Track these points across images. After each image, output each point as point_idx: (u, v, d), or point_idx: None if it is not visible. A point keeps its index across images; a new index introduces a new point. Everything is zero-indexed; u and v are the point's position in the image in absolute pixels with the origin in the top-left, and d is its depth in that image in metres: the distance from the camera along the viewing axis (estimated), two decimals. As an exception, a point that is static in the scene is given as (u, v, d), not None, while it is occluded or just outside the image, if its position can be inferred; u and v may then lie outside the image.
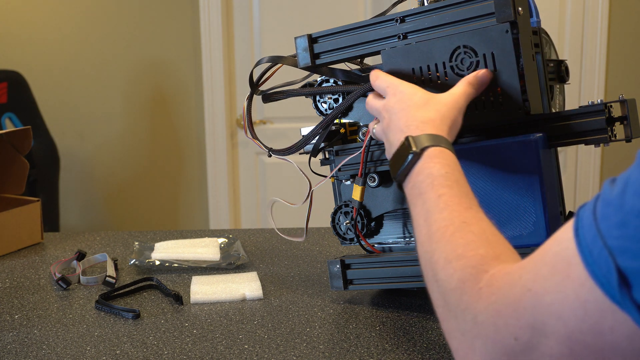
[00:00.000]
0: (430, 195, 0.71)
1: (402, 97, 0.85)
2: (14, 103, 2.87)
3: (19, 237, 1.45)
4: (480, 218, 0.67)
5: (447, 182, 0.72)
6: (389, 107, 0.86)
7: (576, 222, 0.52)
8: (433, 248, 0.66)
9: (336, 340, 0.96)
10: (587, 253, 0.50)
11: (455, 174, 0.74)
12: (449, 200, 0.70)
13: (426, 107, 0.83)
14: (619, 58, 2.92)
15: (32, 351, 0.95)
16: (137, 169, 3.22)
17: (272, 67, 1.10)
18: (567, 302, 0.51)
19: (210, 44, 3.02)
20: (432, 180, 0.73)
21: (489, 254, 0.62)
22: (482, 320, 0.56)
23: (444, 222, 0.67)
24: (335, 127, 1.09)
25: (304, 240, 1.10)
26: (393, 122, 0.84)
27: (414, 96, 0.85)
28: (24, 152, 1.51)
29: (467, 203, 0.70)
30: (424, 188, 0.73)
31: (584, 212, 0.52)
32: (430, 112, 0.82)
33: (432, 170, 0.74)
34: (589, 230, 0.51)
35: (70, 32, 3.11)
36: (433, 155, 0.76)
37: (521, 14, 0.88)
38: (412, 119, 0.82)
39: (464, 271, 0.61)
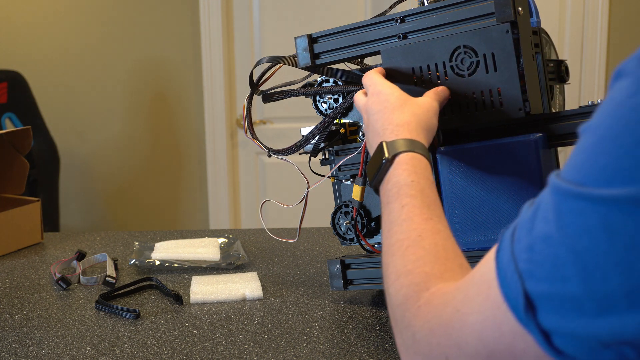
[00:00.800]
0: (395, 206, 0.73)
1: (379, 98, 0.86)
2: (14, 103, 2.87)
3: (19, 237, 1.45)
4: (437, 230, 0.68)
5: (411, 191, 0.73)
6: (368, 107, 0.87)
7: (499, 244, 0.53)
8: (388, 262, 0.69)
9: (336, 340, 0.96)
10: (502, 275, 0.51)
11: (421, 182, 0.74)
12: (411, 211, 0.71)
13: (402, 109, 0.83)
14: (619, 58, 2.91)
15: (32, 351, 0.95)
16: (137, 169, 3.22)
17: (272, 67, 1.10)
18: (487, 323, 0.52)
19: (210, 44, 3.02)
20: (398, 189, 0.74)
21: (434, 271, 0.63)
22: (419, 338, 0.58)
23: (402, 234, 0.69)
24: (335, 127, 1.09)
25: (297, 240, 1.10)
26: (371, 124, 0.85)
27: (391, 97, 0.85)
28: (24, 152, 1.51)
29: (428, 214, 0.70)
30: (390, 197, 0.74)
31: (505, 234, 0.53)
32: (406, 114, 0.82)
33: (399, 178, 0.75)
34: (505, 253, 0.52)
35: (70, 32, 3.11)
36: (403, 161, 0.76)
37: (521, 14, 0.88)
38: (388, 122, 0.82)
39: (409, 288, 0.62)
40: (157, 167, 3.21)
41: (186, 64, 3.09)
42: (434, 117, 0.85)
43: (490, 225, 0.93)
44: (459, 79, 0.88)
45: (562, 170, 0.51)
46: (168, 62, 3.11)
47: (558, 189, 0.49)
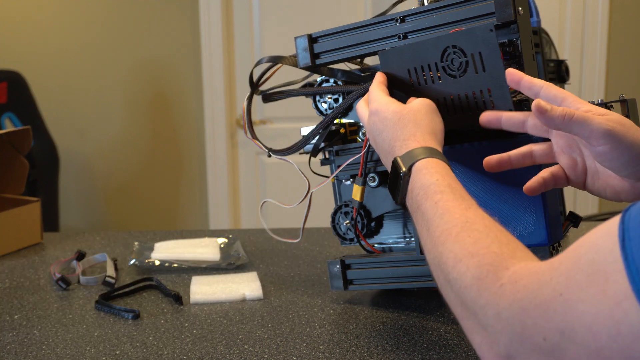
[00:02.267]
0: (427, 205, 0.71)
1: (378, 118, 0.85)
2: (13, 103, 2.87)
3: (19, 237, 1.44)
4: (483, 216, 0.66)
5: (439, 188, 0.72)
6: (370, 128, 0.87)
7: (622, 232, 0.49)
8: (440, 251, 0.65)
9: (336, 340, 0.96)
10: (635, 271, 0.47)
11: (446, 179, 0.73)
12: (446, 204, 0.69)
13: (402, 123, 0.82)
14: (619, 58, 2.91)
15: (32, 351, 0.95)
16: (137, 169, 3.22)
17: (272, 67, 1.10)
18: (601, 317, 0.48)
19: (210, 44, 3.02)
20: (425, 191, 0.73)
21: (503, 251, 0.60)
22: (507, 316, 0.55)
23: (446, 225, 0.66)
24: (335, 127, 1.09)
25: (300, 241, 1.10)
26: (379, 145, 0.85)
27: (387, 113, 0.84)
28: (24, 152, 1.51)
29: (465, 204, 0.69)
30: (419, 200, 0.73)
31: (631, 221, 0.48)
32: (408, 126, 0.82)
33: (422, 181, 0.74)
34: (637, 245, 0.47)
35: (70, 32, 3.11)
36: (421, 167, 0.76)
37: (521, 14, 0.87)
38: (394, 140, 0.82)
39: (481, 268, 0.59)
40: (157, 167, 3.21)
41: (186, 64, 3.09)
42: (435, 115, 0.84)
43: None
44: (451, 80, 0.88)
45: None
46: (168, 62, 3.11)
47: None
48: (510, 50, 0.91)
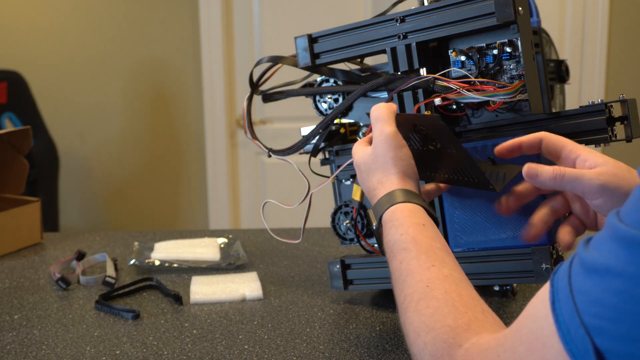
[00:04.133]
0: (394, 265, 0.71)
1: (358, 171, 0.85)
2: (13, 103, 2.87)
3: (19, 237, 1.44)
4: (444, 276, 0.65)
5: (403, 245, 0.71)
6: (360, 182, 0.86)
7: (552, 295, 0.50)
8: (404, 320, 0.65)
9: (336, 340, 0.96)
10: (565, 330, 0.48)
11: (410, 231, 0.72)
12: (409, 264, 0.69)
13: (370, 171, 0.82)
14: (619, 58, 2.91)
15: (32, 351, 0.94)
16: (137, 168, 3.22)
17: (272, 67, 1.10)
18: None
19: (210, 44, 3.02)
20: (391, 249, 0.73)
21: (458, 323, 0.60)
22: None
23: (408, 289, 0.66)
24: (335, 127, 1.09)
25: (300, 241, 1.10)
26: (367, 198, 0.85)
27: (360, 165, 0.84)
28: (24, 152, 1.51)
29: (428, 262, 0.68)
30: (389, 259, 0.73)
31: (559, 282, 0.50)
32: (376, 173, 0.81)
33: (389, 238, 0.74)
34: (565, 305, 0.48)
35: (70, 32, 3.11)
36: (387, 220, 0.75)
37: (521, 14, 0.87)
38: (369, 190, 0.82)
39: (435, 346, 0.59)
40: (157, 167, 3.21)
41: (186, 64, 3.09)
42: (398, 149, 0.81)
43: (490, 225, 0.93)
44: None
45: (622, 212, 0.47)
46: (168, 62, 3.11)
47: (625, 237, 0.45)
48: (510, 50, 0.91)
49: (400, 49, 0.97)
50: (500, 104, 0.91)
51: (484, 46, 0.93)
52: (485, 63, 0.93)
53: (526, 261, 0.90)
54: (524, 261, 0.91)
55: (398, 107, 0.98)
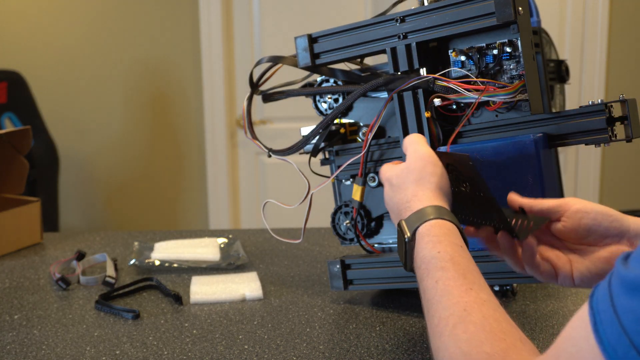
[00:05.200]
0: (428, 283, 0.68)
1: (387, 186, 0.83)
2: (13, 103, 2.87)
3: (19, 237, 1.44)
4: (482, 301, 0.63)
5: (440, 263, 0.68)
6: (386, 198, 0.84)
7: (593, 317, 0.49)
8: (437, 345, 0.63)
9: (336, 340, 0.96)
10: (612, 352, 0.46)
11: (449, 250, 0.69)
12: (446, 285, 0.66)
13: (404, 184, 0.80)
14: (619, 58, 2.91)
15: (32, 351, 0.94)
16: (137, 169, 3.22)
17: (272, 67, 1.10)
18: None
19: (210, 44, 3.02)
20: (426, 265, 0.70)
21: (495, 350, 0.58)
22: None
23: (444, 312, 0.63)
24: (335, 127, 1.09)
25: (301, 241, 1.10)
26: (392, 212, 0.82)
27: (392, 179, 0.82)
28: (24, 152, 1.51)
29: (466, 284, 0.65)
30: (421, 275, 0.70)
31: (599, 304, 0.49)
32: (409, 187, 0.79)
33: (424, 253, 0.71)
34: (610, 327, 0.47)
35: (70, 32, 3.11)
36: (424, 234, 0.72)
37: (521, 14, 0.87)
38: (399, 204, 0.79)
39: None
40: (157, 167, 3.21)
41: (186, 64, 3.09)
42: (435, 167, 0.80)
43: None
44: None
45: None
46: (168, 62, 3.11)
47: None
48: (510, 50, 0.91)
49: (400, 49, 0.97)
50: (500, 104, 0.91)
51: (484, 46, 0.93)
52: (485, 63, 0.93)
53: (526, 261, 0.90)
54: (524, 261, 0.91)
55: (398, 107, 0.98)
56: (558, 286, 1.13)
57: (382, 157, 1.04)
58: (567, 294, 1.11)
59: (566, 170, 2.98)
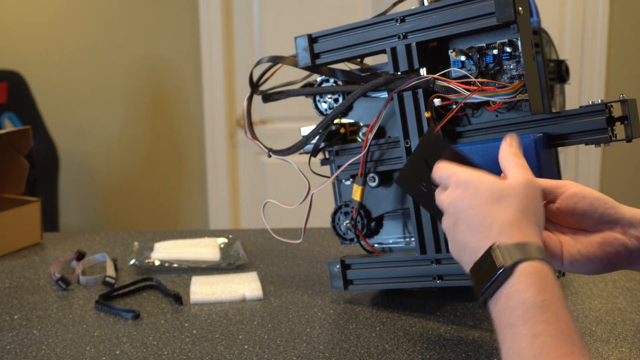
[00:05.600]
0: (523, 332, 0.59)
1: (467, 189, 0.70)
2: (13, 103, 2.87)
3: (19, 237, 1.44)
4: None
5: (544, 315, 0.60)
6: (454, 201, 0.71)
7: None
8: None
9: (336, 340, 0.96)
10: None
11: (554, 302, 0.61)
12: (546, 343, 0.58)
13: (502, 202, 0.68)
14: (619, 58, 2.91)
15: (32, 351, 0.94)
16: (137, 168, 3.22)
17: (272, 67, 1.10)
18: None
19: (210, 44, 3.02)
20: (525, 310, 0.60)
21: None
22: None
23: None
24: (335, 127, 1.09)
25: (301, 241, 1.10)
26: (463, 221, 0.69)
27: (482, 187, 0.69)
28: (24, 152, 1.51)
29: (568, 348, 0.58)
30: (514, 319, 0.61)
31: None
32: (510, 209, 0.67)
33: (525, 295, 0.61)
34: None
35: (70, 31, 3.11)
36: (528, 273, 0.62)
37: (521, 14, 0.87)
38: (491, 220, 0.67)
39: None
40: (157, 167, 3.21)
41: (186, 64, 3.09)
42: (539, 201, 0.70)
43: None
44: None
45: None
46: (168, 62, 3.11)
47: None
48: (510, 50, 0.91)
49: (400, 49, 0.97)
50: (500, 104, 0.91)
51: (484, 46, 0.93)
52: (485, 63, 0.93)
53: (526, 261, 0.90)
54: (524, 261, 0.91)
55: (398, 107, 0.98)
56: (558, 286, 1.13)
57: (382, 157, 1.04)
58: (567, 294, 1.11)
59: (566, 170, 2.98)
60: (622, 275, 1.19)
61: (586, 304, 1.07)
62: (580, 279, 1.18)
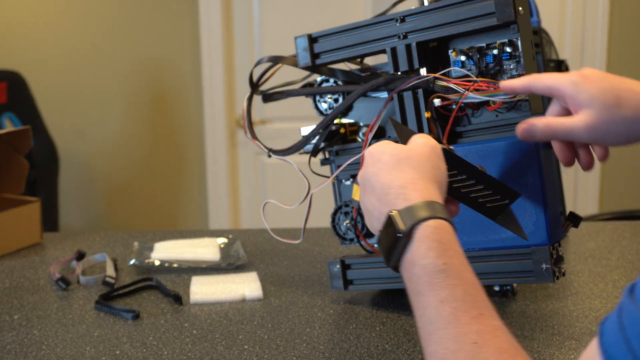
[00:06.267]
0: (430, 300, 0.59)
1: (372, 160, 0.72)
2: (13, 103, 2.87)
3: (19, 237, 1.44)
4: (494, 330, 0.56)
5: (447, 280, 0.59)
6: (363, 174, 0.73)
7: (607, 356, 0.46)
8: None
9: (336, 340, 0.96)
10: None
11: (455, 262, 0.61)
12: (454, 308, 0.58)
13: (399, 167, 0.69)
14: (619, 58, 2.91)
15: (32, 351, 0.94)
16: (137, 168, 3.22)
17: (272, 67, 1.10)
18: None
19: (210, 44, 3.02)
20: (428, 277, 0.60)
21: None
22: None
23: (452, 344, 0.56)
24: (335, 127, 1.09)
25: (301, 242, 1.10)
26: (368, 189, 0.71)
27: (383, 155, 0.71)
28: (24, 152, 1.51)
29: (476, 308, 0.58)
30: (421, 287, 0.61)
31: (612, 346, 0.46)
32: (406, 172, 0.68)
33: (427, 261, 0.61)
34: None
35: (70, 31, 3.11)
36: (426, 236, 0.63)
37: (521, 14, 0.87)
38: (388, 185, 0.68)
39: None
40: (157, 167, 3.21)
41: (186, 64, 3.09)
42: (439, 160, 0.72)
43: (490, 225, 0.93)
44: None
45: None
46: (168, 62, 3.11)
47: None
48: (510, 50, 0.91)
49: (400, 48, 0.97)
50: (500, 104, 0.91)
51: (484, 46, 0.93)
52: (485, 63, 0.93)
53: (526, 261, 0.90)
54: (524, 261, 0.91)
55: (398, 107, 0.98)
56: (558, 286, 1.13)
57: (382, 157, 1.04)
58: (567, 294, 1.11)
59: (566, 170, 2.98)
60: (622, 275, 1.19)
61: (586, 304, 1.07)
62: (580, 279, 1.18)
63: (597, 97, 0.73)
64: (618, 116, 0.72)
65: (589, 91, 0.73)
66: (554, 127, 0.76)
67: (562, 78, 0.76)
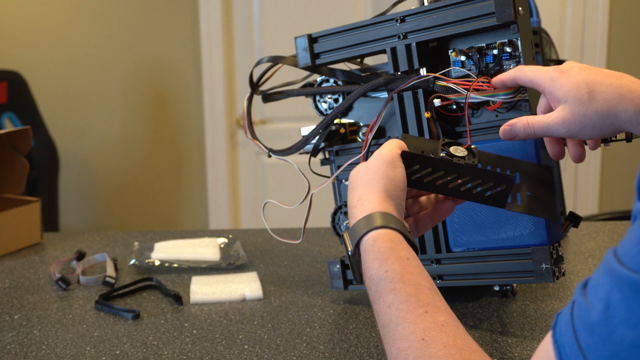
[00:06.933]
0: (380, 306, 0.64)
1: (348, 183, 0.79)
2: (13, 103, 2.87)
3: (19, 237, 1.44)
4: (439, 326, 0.59)
5: (390, 284, 0.64)
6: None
7: (558, 353, 0.47)
8: None
9: (336, 340, 0.96)
10: None
11: (396, 267, 0.65)
12: (399, 309, 0.61)
13: (355, 185, 0.76)
14: (619, 58, 2.91)
15: (32, 351, 0.94)
16: (137, 169, 3.22)
17: (272, 67, 1.10)
18: None
19: (210, 44, 3.02)
20: (376, 287, 0.65)
21: None
22: None
23: (402, 343, 0.59)
24: (335, 127, 1.09)
25: (300, 242, 1.10)
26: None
27: (350, 179, 0.78)
28: (24, 152, 1.51)
29: (420, 307, 0.61)
30: (372, 296, 0.66)
31: (563, 338, 0.47)
32: (358, 188, 0.74)
33: (372, 273, 0.66)
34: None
35: (70, 31, 3.11)
36: (368, 250, 0.68)
37: (521, 14, 0.87)
38: (349, 206, 0.75)
39: None
40: (157, 167, 3.21)
41: (186, 64, 3.09)
42: (389, 168, 0.75)
43: (490, 225, 0.93)
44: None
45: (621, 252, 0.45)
46: (168, 62, 3.11)
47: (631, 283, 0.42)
48: (510, 50, 0.91)
49: (400, 49, 0.97)
50: (500, 104, 0.91)
51: (484, 46, 0.93)
52: (485, 63, 0.93)
53: (526, 261, 0.90)
54: (524, 261, 0.91)
55: (398, 107, 0.98)
56: (558, 286, 1.13)
57: (382, 157, 1.04)
58: (568, 294, 1.11)
59: (566, 170, 2.98)
60: (622, 275, 1.19)
61: (586, 304, 1.06)
62: (580, 279, 1.17)
63: (570, 92, 0.74)
64: (591, 110, 0.73)
65: (564, 87, 0.74)
66: (532, 125, 0.77)
67: (542, 73, 0.77)
